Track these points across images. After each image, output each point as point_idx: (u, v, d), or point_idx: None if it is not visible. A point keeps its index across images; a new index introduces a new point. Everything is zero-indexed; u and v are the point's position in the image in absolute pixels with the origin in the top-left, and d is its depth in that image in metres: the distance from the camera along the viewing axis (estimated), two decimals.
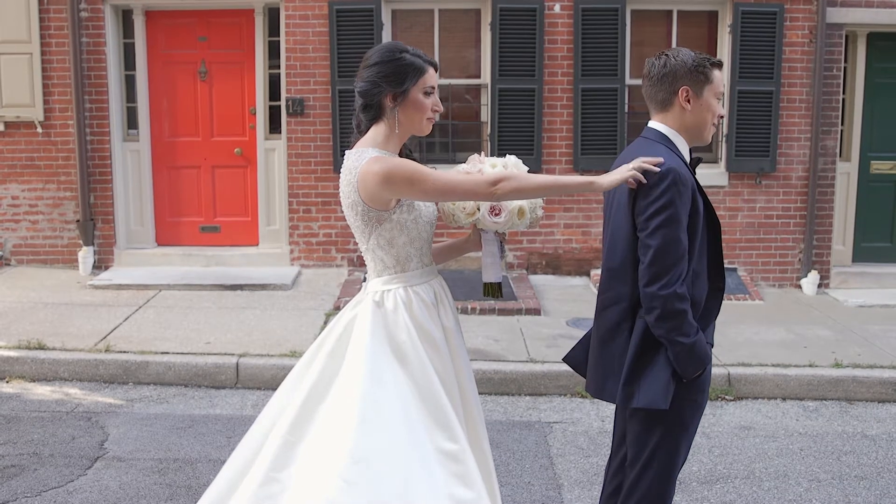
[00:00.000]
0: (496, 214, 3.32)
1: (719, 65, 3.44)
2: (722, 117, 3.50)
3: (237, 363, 6.98)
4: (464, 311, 8.27)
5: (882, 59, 10.05)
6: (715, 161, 10.01)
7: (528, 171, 3.35)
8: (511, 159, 3.37)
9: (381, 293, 3.33)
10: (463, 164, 3.40)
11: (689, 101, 3.39)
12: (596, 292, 9.25)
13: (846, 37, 9.90)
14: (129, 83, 10.05)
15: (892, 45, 10.03)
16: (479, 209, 3.32)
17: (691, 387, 3.37)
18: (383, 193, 3.20)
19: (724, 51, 9.85)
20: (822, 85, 9.71)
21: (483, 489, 3.16)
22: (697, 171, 3.46)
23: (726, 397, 6.86)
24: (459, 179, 3.21)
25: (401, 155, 3.38)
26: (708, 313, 3.44)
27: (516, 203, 3.31)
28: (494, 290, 3.57)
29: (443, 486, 3.09)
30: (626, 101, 9.86)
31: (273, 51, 9.97)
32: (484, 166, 3.32)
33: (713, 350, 7.76)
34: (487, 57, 9.83)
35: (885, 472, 5.58)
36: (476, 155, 3.42)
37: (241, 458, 3.35)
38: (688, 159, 3.44)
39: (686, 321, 3.23)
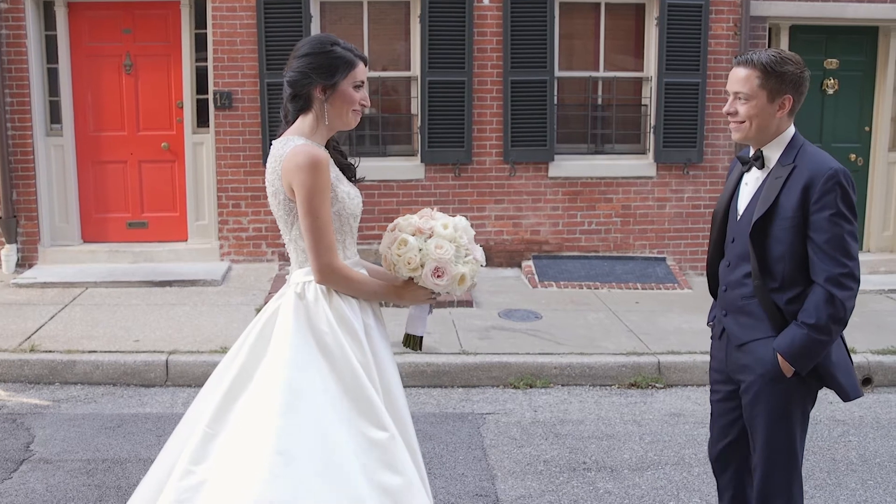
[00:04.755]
0: (438, 276, 3.31)
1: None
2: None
3: (167, 361, 6.89)
4: (396, 305, 8.23)
5: (803, 51, 10.20)
6: (643, 152, 10.13)
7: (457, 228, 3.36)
8: (461, 222, 3.39)
9: (302, 284, 3.32)
10: (414, 217, 3.39)
11: None
12: (528, 283, 9.32)
13: (770, 29, 10.10)
14: (52, 76, 9.81)
15: (813, 37, 10.26)
16: (422, 266, 3.30)
17: None
18: None
19: (651, 43, 9.97)
20: None
21: (413, 474, 3.18)
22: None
23: (656, 385, 6.96)
24: (327, 231, 3.22)
25: (327, 146, 3.38)
26: None
27: (459, 270, 3.31)
28: (415, 343, 3.65)
29: (370, 473, 3.09)
30: (556, 92, 9.93)
31: (200, 43, 9.81)
32: (436, 224, 3.34)
33: (643, 338, 7.82)
34: (417, 49, 9.82)
35: (810, 454, 5.69)
36: (429, 210, 3.44)
37: (168, 456, 3.32)
38: None
39: None
